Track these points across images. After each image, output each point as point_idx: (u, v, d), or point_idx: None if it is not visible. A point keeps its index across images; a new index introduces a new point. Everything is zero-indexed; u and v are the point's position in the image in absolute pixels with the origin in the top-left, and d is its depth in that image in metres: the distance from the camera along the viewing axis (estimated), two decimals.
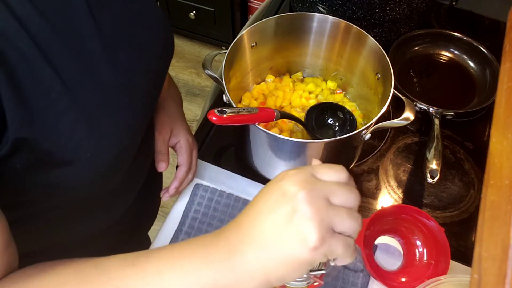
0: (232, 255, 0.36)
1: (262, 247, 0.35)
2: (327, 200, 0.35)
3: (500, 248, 0.27)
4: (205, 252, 0.37)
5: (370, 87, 0.74)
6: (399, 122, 0.64)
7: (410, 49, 0.95)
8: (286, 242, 0.34)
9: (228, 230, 0.38)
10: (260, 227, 0.36)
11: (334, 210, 0.35)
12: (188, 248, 0.38)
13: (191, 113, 1.93)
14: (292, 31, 0.75)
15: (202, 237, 0.38)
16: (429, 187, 0.77)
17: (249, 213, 0.37)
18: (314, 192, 0.35)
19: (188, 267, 0.36)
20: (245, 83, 0.80)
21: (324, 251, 0.34)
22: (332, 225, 0.35)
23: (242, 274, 0.35)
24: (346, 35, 0.73)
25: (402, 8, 0.86)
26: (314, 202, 0.34)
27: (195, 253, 0.37)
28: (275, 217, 0.35)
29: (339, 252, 0.35)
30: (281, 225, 0.35)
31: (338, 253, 0.35)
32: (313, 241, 0.33)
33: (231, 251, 0.36)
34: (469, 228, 0.73)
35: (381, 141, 0.82)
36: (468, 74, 0.92)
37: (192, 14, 1.92)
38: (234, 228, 0.37)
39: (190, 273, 0.36)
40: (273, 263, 0.35)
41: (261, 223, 0.36)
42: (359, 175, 0.78)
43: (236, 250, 0.36)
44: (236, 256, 0.36)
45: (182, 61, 2.10)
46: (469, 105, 0.86)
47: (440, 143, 0.76)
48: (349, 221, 0.36)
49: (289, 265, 0.35)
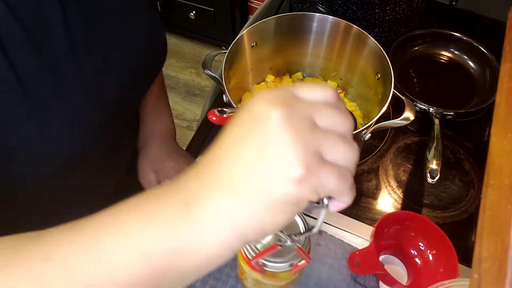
0: (187, 207, 0.27)
1: (229, 190, 0.27)
2: (311, 121, 0.27)
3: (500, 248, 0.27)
4: (152, 206, 0.28)
5: (370, 87, 0.74)
6: (399, 122, 0.64)
7: (410, 49, 0.95)
8: (261, 178, 0.26)
9: (184, 177, 0.29)
10: (225, 166, 0.27)
11: (322, 132, 0.27)
12: (132, 204, 0.29)
13: (191, 113, 1.93)
14: (292, 31, 0.75)
15: (154, 189, 0.30)
16: (429, 187, 0.77)
17: (212, 153, 0.29)
18: (293, 112, 0.26)
19: (128, 227, 0.28)
20: (245, 83, 0.80)
21: (313, 184, 0.26)
22: (320, 150, 0.27)
23: (201, 230, 0.27)
24: (346, 35, 0.73)
25: (402, 8, 0.86)
26: (293, 124, 0.26)
27: (138, 209, 0.29)
28: (244, 150, 0.27)
29: (333, 184, 0.27)
30: (252, 157, 0.26)
31: (331, 186, 0.27)
32: (297, 171, 0.25)
33: (186, 202, 0.27)
34: (469, 228, 0.73)
35: (381, 141, 0.82)
36: (468, 74, 0.92)
37: (192, 14, 1.92)
38: (192, 173, 0.29)
39: (130, 235, 0.28)
40: (246, 209, 0.26)
41: (226, 161, 0.27)
42: (359, 175, 0.78)
43: (193, 199, 0.27)
44: (193, 207, 0.27)
45: (182, 61, 2.10)
46: (469, 105, 0.86)
47: (440, 143, 0.76)
48: (342, 145, 0.28)
49: (267, 208, 0.26)
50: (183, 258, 0.28)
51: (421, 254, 0.66)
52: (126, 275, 0.28)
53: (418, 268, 0.65)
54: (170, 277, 0.29)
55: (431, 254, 0.65)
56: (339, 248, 0.68)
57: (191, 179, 0.29)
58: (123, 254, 0.28)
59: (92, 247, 0.29)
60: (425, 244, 0.65)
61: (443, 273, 0.62)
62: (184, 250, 0.27)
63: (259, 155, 0.26)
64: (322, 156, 0.27)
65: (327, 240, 0.69)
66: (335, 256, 0.67)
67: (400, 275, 0.66)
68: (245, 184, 0.26)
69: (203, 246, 0.27)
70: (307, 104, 0.28)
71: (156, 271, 0.28)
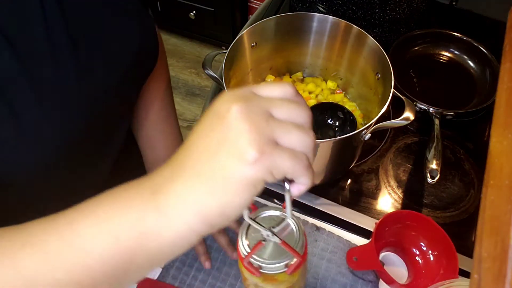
0: (155, 194, 0.30)
1: (194, 177, 0.30)
2: (267, 113, 0.30)
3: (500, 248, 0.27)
4: (125, 195, 0.32)
5: (370, 87, 0.74)
6: (399, 122, 0.64)
7: (410, 49, 0.95)
8: (222, 164, 0.29)
9: (156, 170, 0.32)
10: (193, 158, 0.30)
11: (278, 122, 0.30)
12: (108, 193, 0.32)
13: (191, 113, 1.93)
14: (292, 31, 0.75)
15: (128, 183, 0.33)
16: (429, 187, 0.77)
17: (183, 147, 0.32)
18: (250, 106, 0.30)
19: (102, 213, 0.31)
20: (245, 83, 0.80)
21: (267, 165, 0.29)
22: (275, 137, 0.30)
23: (168, 214, 0.30)
24: (346, 35, 0.73)
25: (402, 8, 0.86)
26: (251, 116, 0.29)
27: (113, 198, 0.32)
28: (208, 142, 0.30)
29: (286, 164, 0.29)
30: (215, 147, 0.29)
31: (285, 166, 0.29)
32: (250, 153, 0.28)
33: (156, 190, 0.30)
34: (469, 228, 0.73)
35: (381, 141, 0.82)
36: (468, 74, 0.92)
37: (192, 14, 1.92)
38: (164, 167, 0.32)
39: (102, 220, 0.31)
40: (208, 193, 0.29)
41: (194, 153, 0.30)
42: (359, 175, 0.78)
43: (161, 187, 0.30)
44: (161, 194, 0.30)
45: (182, 61, 2.10)
46: (469, 105, 0.86)
47: (440, 143, 0.76)
48: (296, 132, 0.30)
49: (227, 189, 0.29)
50: (151, 241, 0.30)
51: (422, 254, 0.66)
52: (98, 260, 0.31)
53: (419, 267, 0.65)
54: (138, 262, 0.31)
55: (433, 255, 0.65)
56: (337, 243, 0.68)
57: (163, 170, 0.32)
58: (95, 238, 0.31)
59: (67, 232, 0.31)
60: (427, 245, 0.65)
61: (443, 274, 0.62)
62: (151, 233, 0.30)
63: (221, 144, 0.29)
64: (277, 142, 0.30)
65: (325, 236, 0.69)
66: (333, 250, 0.67)
67: (400, 273, 0.66)
68: (208, 170, 0.29)
69: (169, 229, 0.30)
70: (265, 99, 0.31)
71: (126, 255, 0.31)
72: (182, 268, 0.66)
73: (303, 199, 0.74)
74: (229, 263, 0.66)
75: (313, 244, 0.68)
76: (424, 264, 0.65)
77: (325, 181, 0.74)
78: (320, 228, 0.69)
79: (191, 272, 0.66)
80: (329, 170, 0.71)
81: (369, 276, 0.65)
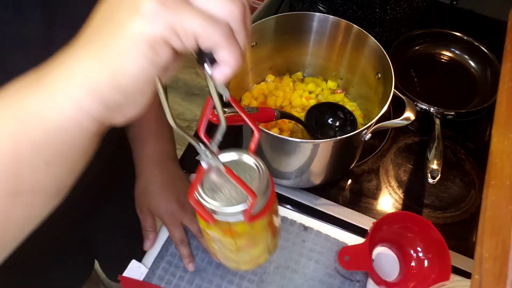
0: (42, 76, 0.27)
1: (85, 43, 0.26)
2: None
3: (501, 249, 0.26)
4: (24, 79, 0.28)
5: (370, 87, 0.74)
6: (400, 122, 0.64)
7: (410, 49, 0.94)
8: (114, 22, 0.25)
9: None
10: (91, 24, 0.26)
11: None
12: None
13: (190, 113, 1.93)
14: (292, 30, 0.75)
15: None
16: (430, 187, 0.77)
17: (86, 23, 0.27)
18: None
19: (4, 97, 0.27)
20: (245, 83, 0.79)
21: (169, 20, 0.24)
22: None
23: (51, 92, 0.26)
24: (346, 35, 0.73)
25: (402, 7, 0.86)
26: None
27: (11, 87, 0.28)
28: (108, 6, 0.26)
29: (196, 25, 0.25)
30: (116, 5, 0.25)
31: (194, 26, 0.25)
32: (147, 4, 0.24)
33: (44, 72, 0.27)
34: (470, 229, 0.73)
35: (381, 141, 0.82)
36: (469, 74, 0.92)
37: None
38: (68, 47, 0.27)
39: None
40: (97, 59, 0.25)
41: (93, 19, 0.26)
42: (359, 175, 0.78)
43: (49, 65, 0.27)
44: (48, 73, 0.26)
45: None
46: (470, 105, 0.86)
47: (441, 143, 0.75)
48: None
49: (118, 50, 0.25)
50: (34, 128, 0.26)
51: (417, 256, 0.66)
52: None
53: (411, 268, 0.65)
54: (26, 158, 0.27)
55: (427, 258, 0.65)
56: (325, 242, 0.68)
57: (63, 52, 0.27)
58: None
59: None
60: (423, 248, 0.65)
61: (434, 279, 0.61)
62: (35, 118, 0.26)
63: (120, 4, 0.25)
64: (189, 1, 0.25)
65: (313, 236, 0.69)
66: (320, 251, 0.67)
67: (392, 270, 0.67)
68: (102, 32, 0.25)
69: (55, 110, 0.26)
70: None
71: (10, 148, 0.26)
72: (168, 268, 0.66)
73: (303, 199, 0.74)
74: (215, 264, 0.66)
75: (301, 245, 0.68)
76: (417, 266, 0.65)
77: (325, 181, 0.73)
78: (308, 228, 0.69)
79: (178, 273, 0.66)
80: (329, 170, 0.70)
81: (357, 276, 0.65)
